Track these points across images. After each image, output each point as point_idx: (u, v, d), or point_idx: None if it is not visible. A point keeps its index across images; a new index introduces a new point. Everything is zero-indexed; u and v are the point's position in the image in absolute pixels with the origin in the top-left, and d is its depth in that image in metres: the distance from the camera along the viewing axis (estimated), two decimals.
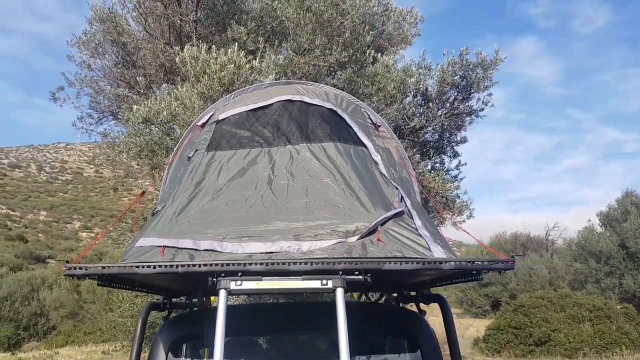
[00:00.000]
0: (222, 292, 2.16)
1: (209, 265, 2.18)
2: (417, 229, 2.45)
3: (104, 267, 2.24)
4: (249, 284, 2.18)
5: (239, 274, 2.17)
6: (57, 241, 58.70)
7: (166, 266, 2.20)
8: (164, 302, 3.21)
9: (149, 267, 2.19)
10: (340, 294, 2.11)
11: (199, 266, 2.18)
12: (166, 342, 2.83)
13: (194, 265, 2.19)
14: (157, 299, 3.47)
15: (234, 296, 2.59)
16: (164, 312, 3.28)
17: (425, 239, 2.38)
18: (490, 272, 2.30)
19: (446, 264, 2.17)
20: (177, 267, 2.19)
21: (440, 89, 7.55)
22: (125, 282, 2.71)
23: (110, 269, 2.24)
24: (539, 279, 27.81)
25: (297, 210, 2.57)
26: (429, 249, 2.33)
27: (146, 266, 2.20)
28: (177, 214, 2.61)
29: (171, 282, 2.95)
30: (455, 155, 8.64)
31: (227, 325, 2.10)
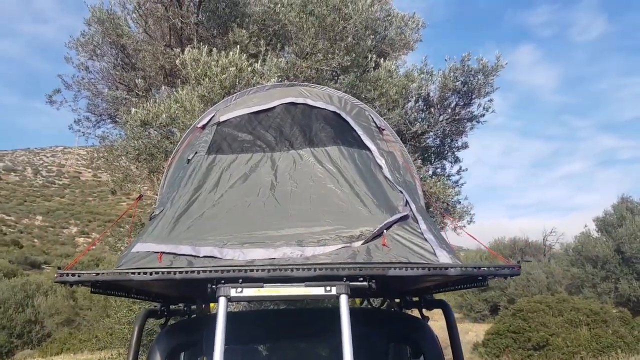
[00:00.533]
0: (221, 300, 2.09)
1: (208, 271, 2.11)
2: (422, 234, 2.38)
3: (97, 274, 2.15)
4: (250, 291, 2.11)
5: (240, 281, 2.10)
6: (53, 247, 58.31)
7: (163, 272, 2.12)
8: (162, 309, 3.13)
9: (146, 273, 2.12)
10: (344, 301, 2.04)
11: (198, 272, 2.11)
12: (163, 351, 2.75)
13: (193, 271, 2.12)
14: (154, 306, 3.39)
15: (233, 303, 2.51)
16: (161, 320, 3.20)
17: (430, 244, 2.32)
18: (495, 277, 2.23)
19: (452, 270, 2.11)
20: (175, 273, 2.12)
21: (441, 94, 7.52)
22: (120, 289, 2.62)
23: (104, 275, 2.15)
24: (537, 284, 27.86)
25: (300, 216, 2.50)
26: (435, 254, 2.27)
27: (142, 272, 2.12)
28: (175, 219, 2.53)
29: (169, 288, 2.87)
30: (456, 160, 8.62)
31: (227, 332, 2.03)
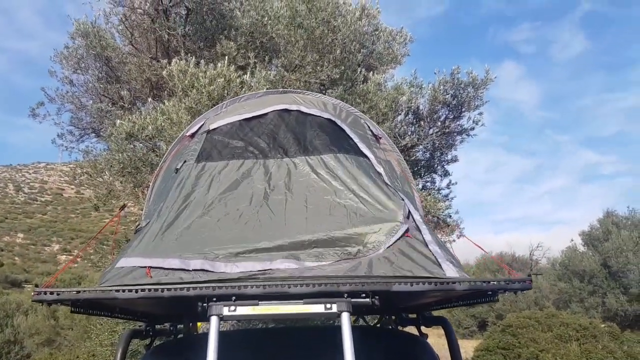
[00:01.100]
0: (213, 319, 1.94)
1: (198, 288, 1.95)
2: (427, 245, 2.25)
3: (78, 292, 1.99)
4: (244, 310, 1.96)
5: (233, 298, 1.95)
6: (34, 264, 56.92)
7: (150, 290, 1.96)
8: (147, 329, 2.95)
9: (131, 291, 1.96)
10: (346, 319, 1.90)
11: (188, 290, 1.96)
12: None
13: (182, 288, 1.96)
14: (138, 325, 3.21)
15: (224, 322, 2.34)
16: (146, 340, 3.02)
17: (436, 256, 2.18)
18: (506, 292, 2.11)
19: (460, 284, 1.99)
20: (163, 290, 1.96)
21: (431, 107, 7.49)
22: (103, 308, 2.45)
23: (86, 293, 1.99)
24: (525, 299, 27.86)
25: (296, 227, 2.36)
26: (441, 267, 2.14)
27: (128, 290, 1.96)
28: (163, 231, 2.37)
29: (155, 307, 2.70)
30: (445, 174, 8.56)
31: (218, 354, 1.88)
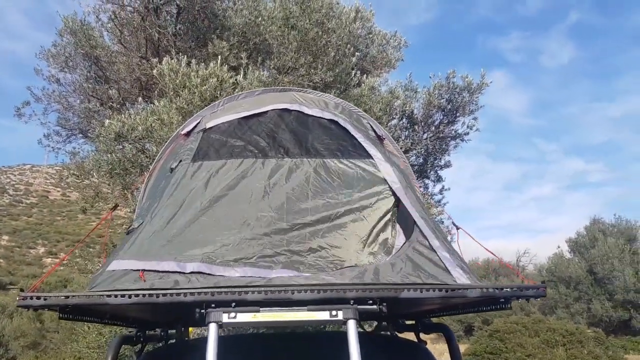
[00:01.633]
0: (212, 326, 1.83)
1: (196, 293, 1.84)
2: (435, 250, 2.16)
3: (67, 297, 1.85)
4: (245, 317, 1.85)
5: (233, 305, 1.85)
6: (19, 267, 56.02)
7: (145, 295, 1.85)
8: (137, 335, 2.82)
9: (124, 296, 1.84)
10: (352, 327, 1.81)
11: (185, 295, 1.84)
12: None
13: (179, 293, 1.85)
14: (129, 331, 3.08)
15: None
16: (137, 346, 2.89)
17: (445, 262, 2.10)
18: (519, 299, 2.02)
19: (472, 291, 1.90)
20: (158, 296, 1.85)
21: (426, 111, 7.43)
22: (93, 313, 2.32)
23: (75, 298, 1.86)
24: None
25: (298, 231, 2.27)
26: (450, 273, 2.05)
27: (120, 295, 1.84)
28: (157, 232, 2.24)
29: (148, 313, 2.57)
30: (438, 179, 8.48)
31: None
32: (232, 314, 1.84)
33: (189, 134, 2.92)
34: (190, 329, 3.84)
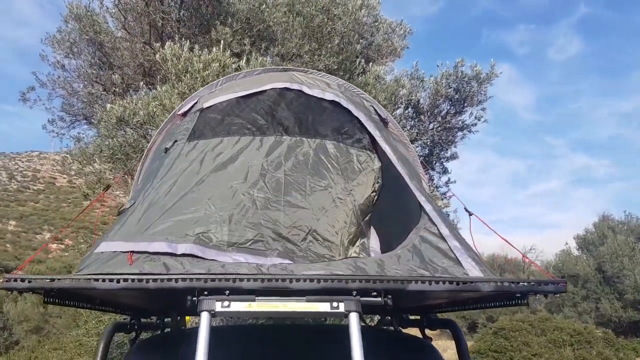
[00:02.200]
0: (204, 315, 1.73)
1: (188, 280, 1.75)
2: (445, 239, 2.04)
3: (52, 280, 1.76)
4: (239, 305, 1.76)
5: (227, 292, 1.75)
6: (25, 252, 56.59)
7: (134, 280, 1.76)
8: (132, 323, 2.75)
9: (112, 280, 1.75)
10: (354, 320, 1.71)
11: (176, 281, 1.75)
12: None
13: (170, 279, 1.76)
14: (123, 318, 3.01)
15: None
16: (131, 334, 2.82)
17: (455, 252, 1.98)
18: (537, 295, 1.91)
19: (486, 285, 1.78)
20: (148, 281, 1.76)
21: (432, 101, 7.28)
22: (81, 298, 2.23)
23: (60, 282, 1.77)
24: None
25: (297, 215, 2.16)
26: (461, 265, 1.93)
27: (108, 280, 1.75)
28: (148, 212, 2.15)
29: (140, 299, 2.49)
30: (444, 171, 8.33)
31: (210, 353, 1.69)
32: (226, 303, 1.75)
33: (185, 115, 2.82)
34: (187, 317, 3.76)
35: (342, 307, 1.72)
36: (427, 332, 2.92)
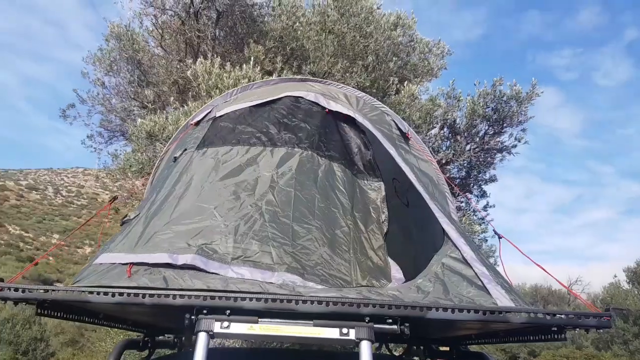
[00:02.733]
0: (201, 336, 1.59)
1: (187, 297, 1.61)
2: (470, 265, 1.84)
3: (46, 291, 1.68)
4: (240, 327, 1.61)
5: (227, 312, 1.61)
6: (66, 265, 58.45)
7: (129, 295, 1.63)
8: (144, 340, 2.63)
9: (107, 294, 1.64)
10: (366, 349, 1.54)
11: (174, 297, 1.62)
12: None
13: (167, 295, 1.62)
14: (137, 335, 2.90)
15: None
16: (144, 353, 2.70)
17: (482, 279, 1.77)
18: (577, 330, 1.68)
19: (516, 316, 1.57)
20: (145, 296, 1.63)
21: (469, 121, 7.01)
22: (79, 312, 2.12)
23: (54, 293, 1.68)
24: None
25: (304, 230, 2.01)
26: (489, 294, 1.72)
27: (103, 293, 1.64)
28: (152, 221, 2.04)
29: (145, 314, 2.37)
30: (483, 194, 7.98)
31: None
32: (226, 324, 1.61)
33: (198, 124, 2.74)
34: None
35: (352, 334, 1.55)
36: None
